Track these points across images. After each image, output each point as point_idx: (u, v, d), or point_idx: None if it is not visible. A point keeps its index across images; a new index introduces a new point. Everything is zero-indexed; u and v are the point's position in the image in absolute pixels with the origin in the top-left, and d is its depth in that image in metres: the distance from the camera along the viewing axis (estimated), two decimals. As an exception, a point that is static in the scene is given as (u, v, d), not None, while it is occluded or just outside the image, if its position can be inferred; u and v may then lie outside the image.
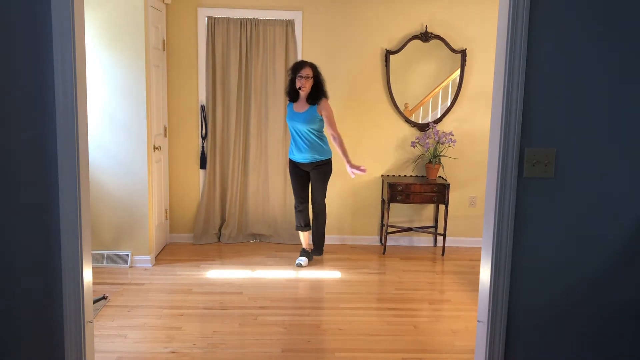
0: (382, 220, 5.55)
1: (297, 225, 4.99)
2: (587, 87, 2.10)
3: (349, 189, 5.54)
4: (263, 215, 5.54)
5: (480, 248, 2.67)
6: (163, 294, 4.17)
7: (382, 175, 5.54)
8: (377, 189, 5.57)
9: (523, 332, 2.24)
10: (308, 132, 4.67)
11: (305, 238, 4.99)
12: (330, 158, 4.81)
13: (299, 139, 4.72)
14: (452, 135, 5.30)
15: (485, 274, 2.25)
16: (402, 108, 5.47)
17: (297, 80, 4.65)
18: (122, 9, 4.48)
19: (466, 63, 5.41)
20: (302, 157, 4.76)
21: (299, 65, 4.69)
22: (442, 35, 5.35)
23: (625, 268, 2.20)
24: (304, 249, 5.00)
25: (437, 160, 5.36)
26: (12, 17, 2.01)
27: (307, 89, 4.65)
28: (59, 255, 2.14)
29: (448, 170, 5.52)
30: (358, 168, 4.63)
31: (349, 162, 4.65)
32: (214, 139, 5.40)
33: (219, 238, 5.53)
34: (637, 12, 2.07)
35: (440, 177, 5.49)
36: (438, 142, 5.31)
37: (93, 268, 3.65)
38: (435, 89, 5.48)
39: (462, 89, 5.45)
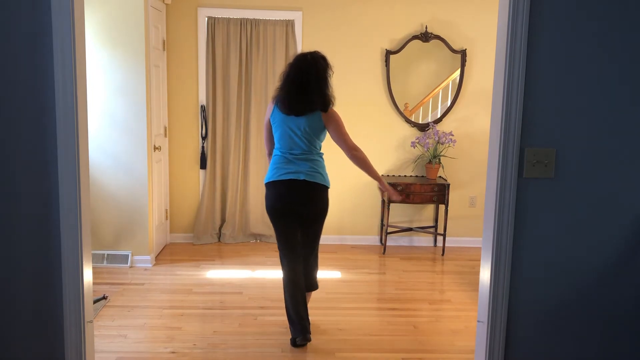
0: (382, 220, 5.55)
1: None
2: (587, 87, 2.10)
3: (349, 189, 5.54)
4: (263, 215, 5.53)
5: (480, 248, 2.67)
6: (163, 294, 4.17)
7: (382, 175, 5.54)
8: (377, 189, 5.56)
9: (523, 332, 2.24)
10: None
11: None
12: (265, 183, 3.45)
13: None
14: (452, 135, 5.30)
15: (485, 274, 2.25)
16: (402, 108, 5.47)
17: None
18: (122, 9, 4.48)
19: (466, 63, 5.41)
20: None
21: None
22: (442, 35, 5.36)
23: (625, 267, 2.21)
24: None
25: (437, 160, 5.36)
26: (13, 17, 2.01)
27: None
28: (59, 255, 2.14)
29: (448, 170, 5.52)
30: None
31: None
32: (214, 139, 5.40)
33: (219, 238, 5.53)
34: (637, 13, 2.07)
35: (440, 177, 5.50)
36: (438, 142, 5.31)
37: (93, 268, 3.65)
38: (435, 89, 5.48)
39: (462, 89, 5.45)
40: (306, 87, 3.24)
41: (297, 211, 3.33)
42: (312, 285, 3.60)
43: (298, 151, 3.29)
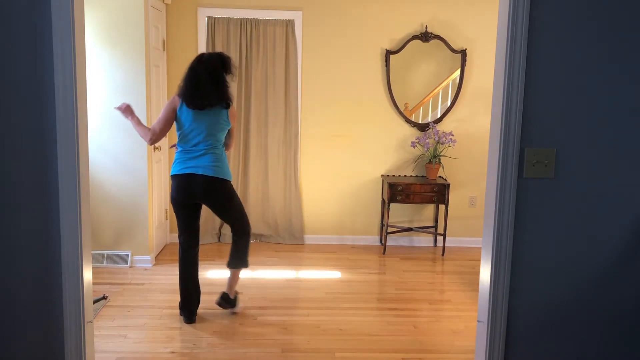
0: (382, 220, 5.55)
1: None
2: (587, 87, 2.10)
3: (349, 189, 5.54)
4: (263, 215, 5.54)
5: (480, 248, 2.67)
6: (163, 294, 4.17)
7: (382, 175, 5.54)
8: (377, 189, 5.57)
9: (523, 332, 2.24)
10: None
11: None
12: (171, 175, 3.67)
13: None
14: (452, 135, 5.30)
15: (485, 274, 2.25)
16: (402, 108, 5.47)
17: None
18: (122, 9, 4.48)
19: (466, 63, 5.41)
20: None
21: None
22: (442, 35, 5.35)
23: (625, 267, 2.20)
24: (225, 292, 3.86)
25: (437, 160, 5.36)
26: (12, 17, 2.01)
27: None
28: (59, 255, 2.14)
29: (448, 170, 5.52)
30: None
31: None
32: (214, 139, 5.39)
33: (219, 238, 5.53)
34: (637, 13, 2.07)
35: (440, 177, 5.49)
36: (438, 142, 5.31)
37: (93, 268, 3.65)
38: (435, 89, 5.48)
39: (462, 89, 5.45)
40: (201, 84, 3.46)
41: (197, 201, 3.62)
42: (240, 261, 3.81)
43: (202, 146, 3.53)
